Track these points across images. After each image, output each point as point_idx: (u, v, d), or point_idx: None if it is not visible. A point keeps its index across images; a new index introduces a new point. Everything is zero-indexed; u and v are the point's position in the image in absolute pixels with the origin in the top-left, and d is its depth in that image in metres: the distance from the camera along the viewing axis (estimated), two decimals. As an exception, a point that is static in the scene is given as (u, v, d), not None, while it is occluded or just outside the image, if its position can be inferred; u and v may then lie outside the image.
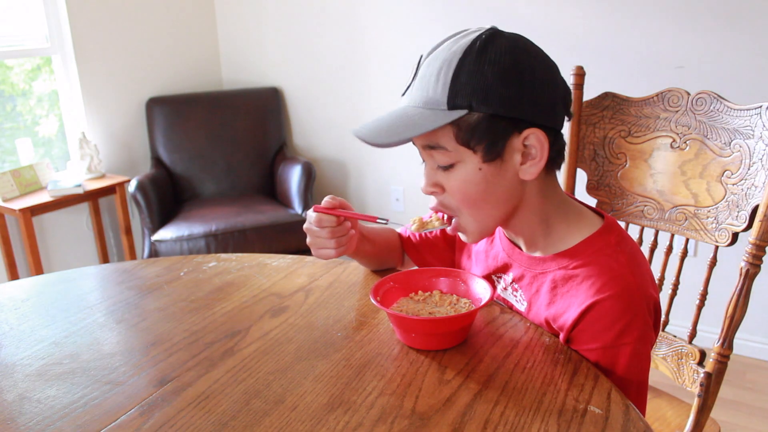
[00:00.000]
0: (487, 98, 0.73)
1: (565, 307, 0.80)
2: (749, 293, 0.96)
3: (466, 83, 0.73)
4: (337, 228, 0.92)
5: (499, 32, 0.76)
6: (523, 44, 0.76)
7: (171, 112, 2.88)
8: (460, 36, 0.76)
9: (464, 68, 0.73)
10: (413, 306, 0.86)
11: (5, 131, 2.57)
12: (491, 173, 0.77)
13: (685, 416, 1.12)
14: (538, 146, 0.76)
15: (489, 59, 0.73)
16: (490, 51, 0.73)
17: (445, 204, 0.83)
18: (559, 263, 0.81)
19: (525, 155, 0.77)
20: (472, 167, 0.77)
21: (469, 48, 0.73)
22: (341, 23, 2.82)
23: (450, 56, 0.74)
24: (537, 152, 0.76)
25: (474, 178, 0.77)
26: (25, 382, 0.77)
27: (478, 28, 0.76)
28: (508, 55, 0.73)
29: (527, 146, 0.76)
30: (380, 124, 0.78)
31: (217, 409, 0.70)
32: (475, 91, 0.73)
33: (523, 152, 0.76)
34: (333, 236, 0.92)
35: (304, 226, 0.95)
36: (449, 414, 0.68)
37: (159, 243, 2.49)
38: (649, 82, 2.15)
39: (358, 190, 3.03)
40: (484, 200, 0.79)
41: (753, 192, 0.96)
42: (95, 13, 2.68)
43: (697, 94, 1.06)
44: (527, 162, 0.77)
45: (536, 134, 0.75)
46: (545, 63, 0.77)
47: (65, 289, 1.04)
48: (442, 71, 0.74)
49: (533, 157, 0.77)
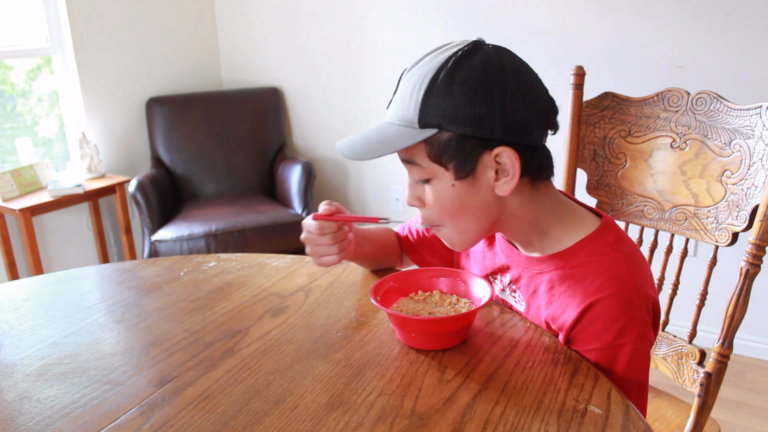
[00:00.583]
0: (456, 118, 0.73)
1: (563, 307, 0.80)
2: (749, 293, 0.96)
3: (435, 103, 0.74)
4: (338, 233, 0.92)
5: (477, 48, 0.75)
6: (499, 61, 0.75)
7: (171, 112, 2.88)
8: (439, 51, 0.77)
9: (434, 87, 0.74)
10: (413, 306, 0.86)
11: (5, 131, 2.57)
12: (464, 189, 0.78)
13: (685, 416, 1.12)
14: (509, 164, 0.76)
15: (459, 78, 0.73)
16: (461, 70, 0.73)
17: (427, 217, 0.84)
18: (557, 263, 0.81)
19: (498, 171, 0.77)
20: (446, 183, 0.78)
21: (441, 66, 0.74)
22: (341, 23, 2.82)
23: (424, 74, 0.75)
24: (510, 169, 0.76)
25: (449, 193, 0.78)
26: (25, 382, 0.77)
27: (461, 42, 0.77)
28: (479, 74, 0.73)
29: (500, 163, 0.76)
30: (359, 139, 0.81)
31: (217, 409, 0.70)
32: (444, 111, 0.74)
33: (496, 169, 0.76)
34: (335, 242, 0.92)
35: (302, 237, 0.95)
36: (449, 414, 0.68)
37: (159, 243, 2.49)
38: (649, 82, 2.15)
39: (358, 190, 3.03)
40: (461, 213, 0.80)
41: (753, 192, 0.96)
42: (95, 13, 2.68)
43: (697, 94, 1.06)
44: (501, 178, 0.77)
45: (507, 152, 0.75)
46: (520, 81, 0.75)
47: (65, 289, 1.04)
48: (415, 89, 0.75)
49: (506, 174, 0.77)
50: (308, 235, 0.93)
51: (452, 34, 2.52)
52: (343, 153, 0.80)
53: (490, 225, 0.83)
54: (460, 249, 0.87)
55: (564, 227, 0.82)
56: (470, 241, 0.85)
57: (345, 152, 0.80)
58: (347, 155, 0.80)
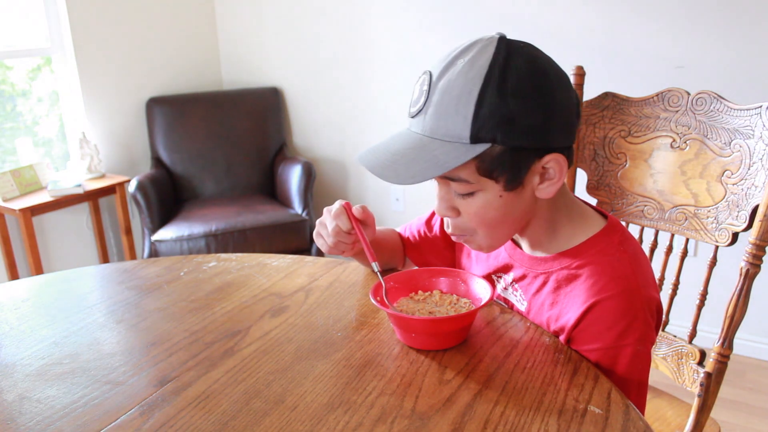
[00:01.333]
0: (512, 130, 0.70)
1: (567, 307, 0.80)
2: (749, 293, 0.96)
3: (490, 116, 0.70)
4: (344, 233, 0.92)
5: (511, 49, 0.71)
6: (540, 65, 0.72)
7: (171, 112, 2.88)
8: (471, 53, 0.72)
9: (486, 99, 0.69)
10: (413, 306, 0.86)
11: (5, 131, 2.57)
12: (511, 198, 0.76)
13: (685, 416, 1.12)
14: (557, 169, 0.75)
15: (511, 89, 0.69)
16: (510, 77, 0.70)
17: (460, 226, 0.81)
18: (562, 263, 0.81)
19: (543, 176, 0.76)
20: (492, 195, 0.75)
21: (488, 75, 0.69)
22: (341, 23, 2.82)
23: (469, 85, 0.70)
24: (555, 173, 0.75)
25: (494, 204, 0.76)
26: (25, 382, 0.77)
27: (488, 41, 0.72)
28: (528, 80, 0.70)
29: (546, 168, 0.75)
30: (395, 157, 0.74)
31: (217, 409, 0.70)
32: (500, 124, 0.70)
33: (541, 173, 0.76)
34: (335, 237, 0.93)
35: (325, 209, 0.95)
36: (449, 414, 0.68)
37: (159, 243, 2.49)
38: (649, 82, 2.15)
39: (358, 190, 3.03)
40: (502, 222, 0.79)
41: (753, 192, 0.96)
42: (95, 13, 2.68)
43: (697, 94, 1.06)
44: (545, 182, 0.76)
45: (556, 158, 0.74)
46: (561, 81, 0.74)
47: (65, 289, 1.04)
48: (461, 102, 0.70)
49: (551, 178, 0.76)
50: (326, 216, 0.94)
51: (452, 34, 2.52)
52: (379, 175, 0.73)
53: (521, 229, 0.83)
54: (488, 251, 0.85)
55: (573, 227, 0.83)
56: (500, 245, 0.85)
57: (382, 174, 0.73)
58: (386, 178, 0.73)
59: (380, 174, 0.73)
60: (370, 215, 0.94)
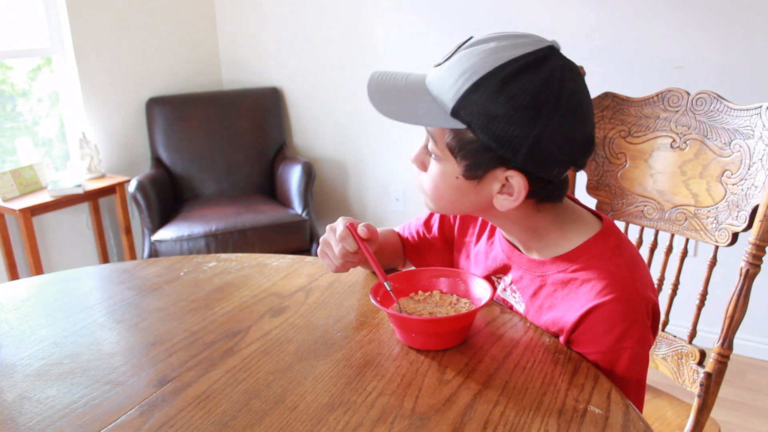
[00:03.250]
0: (487, 128, 0.71)
1: (564, 310, 0.80)
2: (749, 293, 0.96)
3: (476, 102, 0.70)
4: (350, 253, 0.91)
5: (547, 61, 0.70)
6: (559, 88, 0.69)
7: (171, 112, 2.88)
8: (510, 43, 0.71)
9: (483, 86, 0.69)
10: (413, 306, 0.86)
11: (5, 131, 2.57)
12: (466, 186, 0.77)
13: (685, 416, 1.12)
14: (516, 188, 0.75)
15: (510, 90, 0.69)
16: (517, 81, 0.69)
17: (419, 180, 0.84)
18: (558, 266, 0.81)
19: (504, 187, 0.76)
20: (450, 172, 0.77)
21: (499, 68, 0.69)
22: (341, 23, 2.82)
23: (478, 66, 0.70)
24: (515, 193, 0.75)
25: (449, 180, 0.78)
26: (25, 382, 0.77)
27: (536, 42, 0.71)
28: (531, 94, 0.69)
29: (509, 181, 0.75)
30: (390, 90, 0.77)
31: (217, 409, 0.70)
32: (480, 115, 0.70)
33: (503, 184, 0.76)
34: (343, 258, 0.92)
35: (328, 227, 0.94)
36: (449, 414, 0.68)
37: (159, 243, 2.49)
38: (649, 82, 2.15)
39: (358, 190, 3.03)
40: (452, 201, 0.81)
41: (753, 192, 0.96)
42: (95, 13, 2.67)
43: (697, 94, 1.06)
44: (503, 194, 0.76)
45: (518, 178, 0.74)
46: (570, 116, 0.71)
47: (65, 289, 1.04)
48: (464, 76, 0.71)
49: (509, 194, 0.76)
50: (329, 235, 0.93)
51: (452, 34, 2.52)
52: (369, 96, 0.77)
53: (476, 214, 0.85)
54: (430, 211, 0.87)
55: (564, 232, 0.82)
56: (448, 215, 0.87)
57: (371, 96, 0.77)
58: (373, 103, 0.76)
59: (370, 94, 0.77)
60: (374, 231, 0.92)
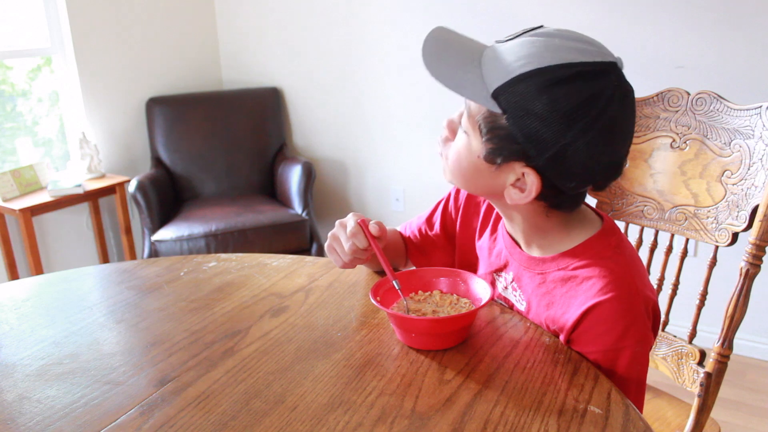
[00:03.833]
0: (522, 121, 0.71)
1: (564, 308, 0.80)
2: (749, 293, 0.96)
3: (518, 94, 0.70)
4: (360, 250, 0.92)
5: (604, 76, 0.70)
6: (604, 106, 0.69)
7: (171, 112, 2.88)
8: (578, 46, 0.71)
9: (531, 79, 0.69)
10: (413, 306, 0.86)
11: (5, 131, 2.57)
12: (484, 168, 0.78)
13: (685, 416, 1.12)
14: (529, 186, 0.75)
15: (556, 92, 0.68)
16: (564, 87, 0.69)
17: (444, 146, 0.84)
18: (559, 264, 0.81)
19: (518, 181, 0.76)
20: (474, 149, 0.77)
21: (550, 68, 0.69)
22: (341, 23, 2.82)
23: (537, 57, 0.69)
24: (526, 190, 0.76)
25: (470, 157, 0.78)
26: (25, 382, 0.77)
27: (602, 54, 0.71)
28: (574, 104, 0.68)
29: (524, 176, 0.75)
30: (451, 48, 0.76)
31: (217, 409, 0.70)
32: (517, 107, 0.70)
33: (518, 178, 0.76)
34: (352, 255, 0.92)
35: (338, 222, 0.94)
36: (449, 414, 0.68)
37: (159, 243, 2.49)
38: (649, 82, 2.15)
39: (358, 190, 3.03)
40: (466, 178, 0.81)
41: (753, 192, 0.96)
42: (95, 13, 2.67)
43: (697, 94, 1.06)
44: (515, 188, 0.77)
45: (533, 178, 0.74)
46: (604, 138, 0.70)
47: (65, 289, 1.04)
48: (516, 63, 0.70)
49: (521, 190, 0.76)
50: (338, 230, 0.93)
51: (452, 34, 2.52)
52: (424, 50, 0.75)
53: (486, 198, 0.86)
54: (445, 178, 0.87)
55: (568, 230, 0.82)
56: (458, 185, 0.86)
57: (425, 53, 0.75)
58: (424, 58, 0.75)
59: (424, 47, 0.76)
60: (384, 229, 0.93)
